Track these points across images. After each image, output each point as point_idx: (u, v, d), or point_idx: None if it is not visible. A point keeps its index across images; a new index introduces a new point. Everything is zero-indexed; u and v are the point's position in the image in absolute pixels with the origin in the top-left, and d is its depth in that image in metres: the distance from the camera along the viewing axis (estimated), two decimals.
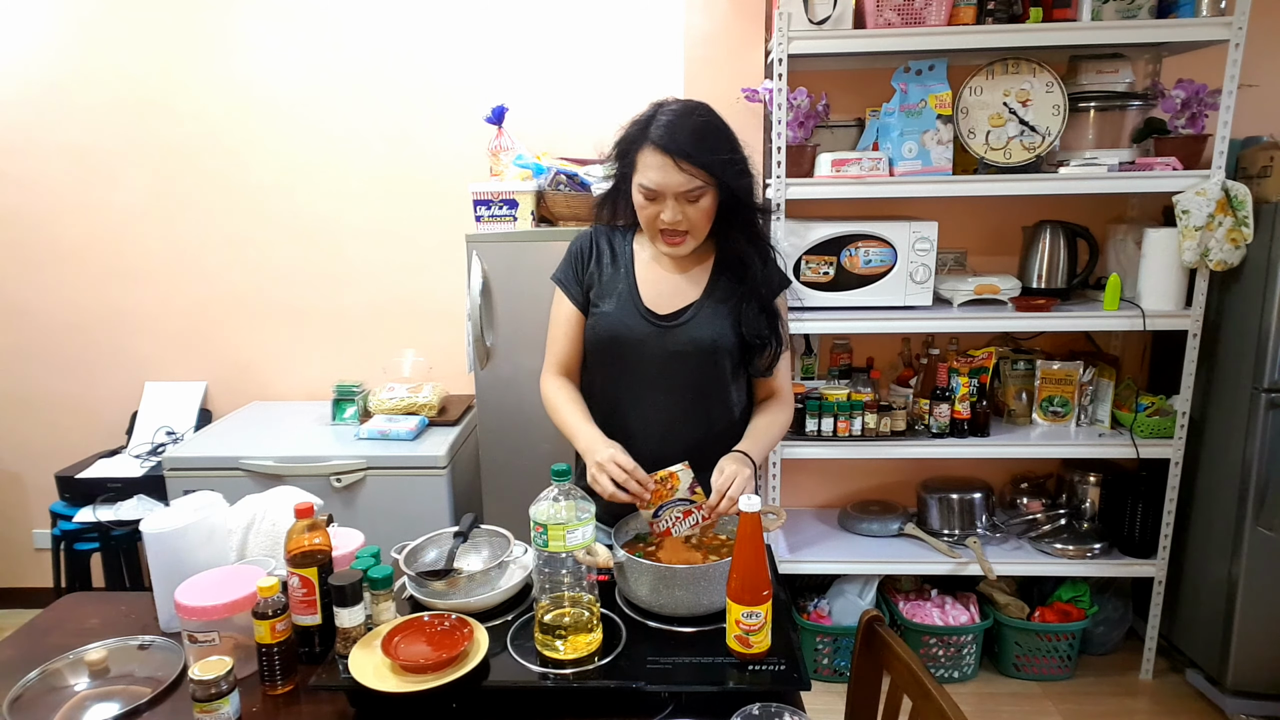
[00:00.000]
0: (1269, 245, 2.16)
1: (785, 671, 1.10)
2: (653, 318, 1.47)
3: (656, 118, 1.38)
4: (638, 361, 1.47)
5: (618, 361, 1.50)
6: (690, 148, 1.34)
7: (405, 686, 1.06)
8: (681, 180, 1.35)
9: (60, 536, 2.54)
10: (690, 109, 1.39)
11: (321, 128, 2.73)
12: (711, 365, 1.47)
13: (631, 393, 1.49)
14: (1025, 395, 2.61)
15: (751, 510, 1.11)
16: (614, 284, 1.51)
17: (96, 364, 2.92)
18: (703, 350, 1.46)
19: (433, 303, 2.82)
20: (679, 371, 1.47)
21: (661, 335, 1.46)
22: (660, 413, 1.48)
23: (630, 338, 1.47)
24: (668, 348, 1.46)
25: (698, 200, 1.38)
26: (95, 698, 1.20)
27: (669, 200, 1.37)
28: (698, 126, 1.36)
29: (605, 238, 1.56)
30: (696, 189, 1.36)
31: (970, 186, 2.27)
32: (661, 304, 1.48)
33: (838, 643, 2.56)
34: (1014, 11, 2.23)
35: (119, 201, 2.79)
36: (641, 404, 1.48)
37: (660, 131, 1.35)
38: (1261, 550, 2.25)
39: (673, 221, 1.38)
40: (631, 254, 1.53)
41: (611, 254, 1.54)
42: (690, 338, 1.46)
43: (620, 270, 1.52)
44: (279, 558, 1.32)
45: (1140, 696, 2.48)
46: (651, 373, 1.47)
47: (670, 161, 1.34)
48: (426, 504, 2.37)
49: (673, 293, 1.49)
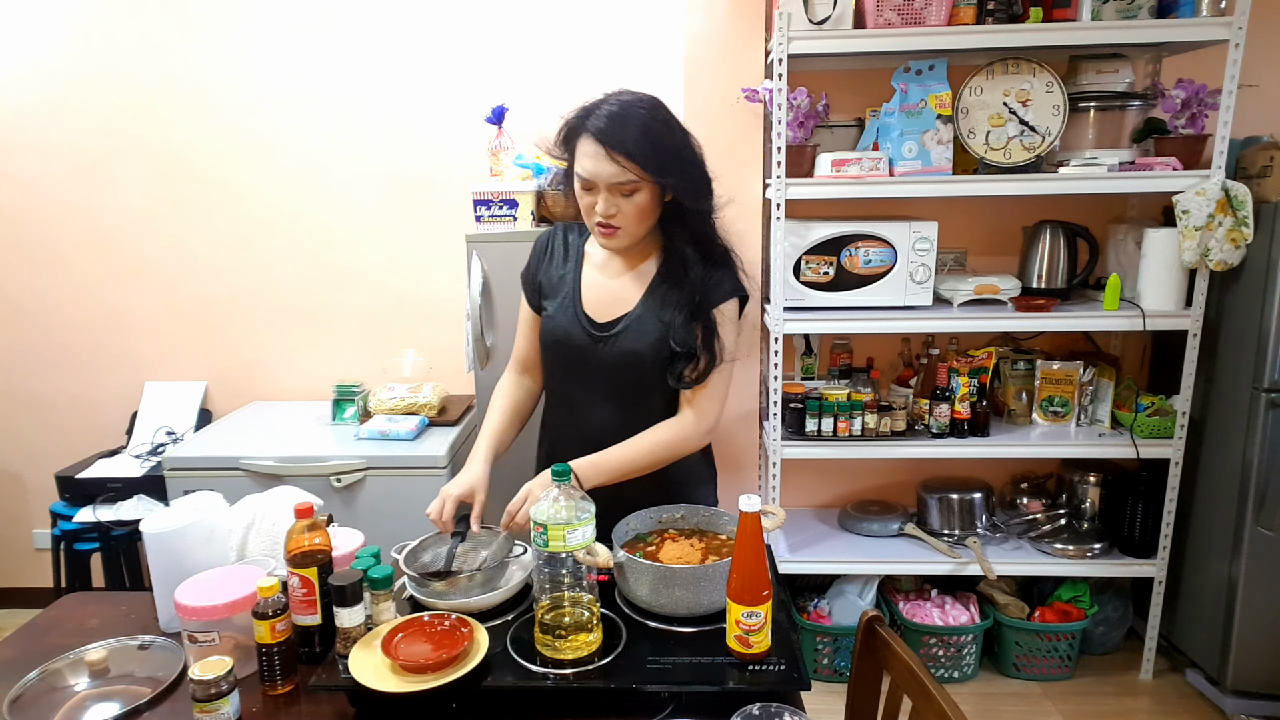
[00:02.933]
0: (1269, 245, 2.16)
1: (785, 671, 1.10)
2: (591, 326, 1.47)
3: (600, 108, 1.35)
4: (577, 367, 1.49)
5: (563, 365, 1.52)
6: (627, 141, 1.31)
7: (405, 686, 1.06)
8: (614, 171, 1.32)
9: (60, 536, 2.54)
10: (637, 102, 1.36)
11: (322, 128, 2.73)
12: (645, 378, 1.45)
13: (580, 394, 1.51)
14: (1025, 395, 2.61)
15: (751, 510, 1.11)
16: (561, 285, 1.51)
17: (96, 364, 2.92)
18: (635, 362, 1.44)
19: (433, 303, 2.82)
20: (615, 380, 1.47)
21: (596, 345, 1.46)
22: (603, 417, 1.48)
23: (569, 344, 1.48)
24: (603, 358, 1.45)
25: (631, 195, 1.36)
26: (95, 698, 1.20)
27: (603, 191, 1.35)
28: (640, 120, 1.33)
29: (563, 235, 1.56)
30: (630, 183, 1.34)
31: (970, 186, 2.27)
32: (600, 310, 1.47)
33: (838, 643, 2.56)
34: (1014, 11, 2.23)
35: (119, 201, 2.79)
36: (587, 407, 1.49)
37: (599, 122, 1.33)
38: (1261, 550, 2.25)
39: (605, 214, 1.37)
40: (582, 254, 1.53)
41: (565, 252, 1.54)
42: (622, 349, 1.44)
43: (569, 270, 1.52)
44: (279, 558, 1.32)
45: (1140, 696, 2.48)
46: (593, 379, 1.48)
47: (604, 152, 1.31)
48: (426, 504, 2.34)
49: (612, 299, 1.47)
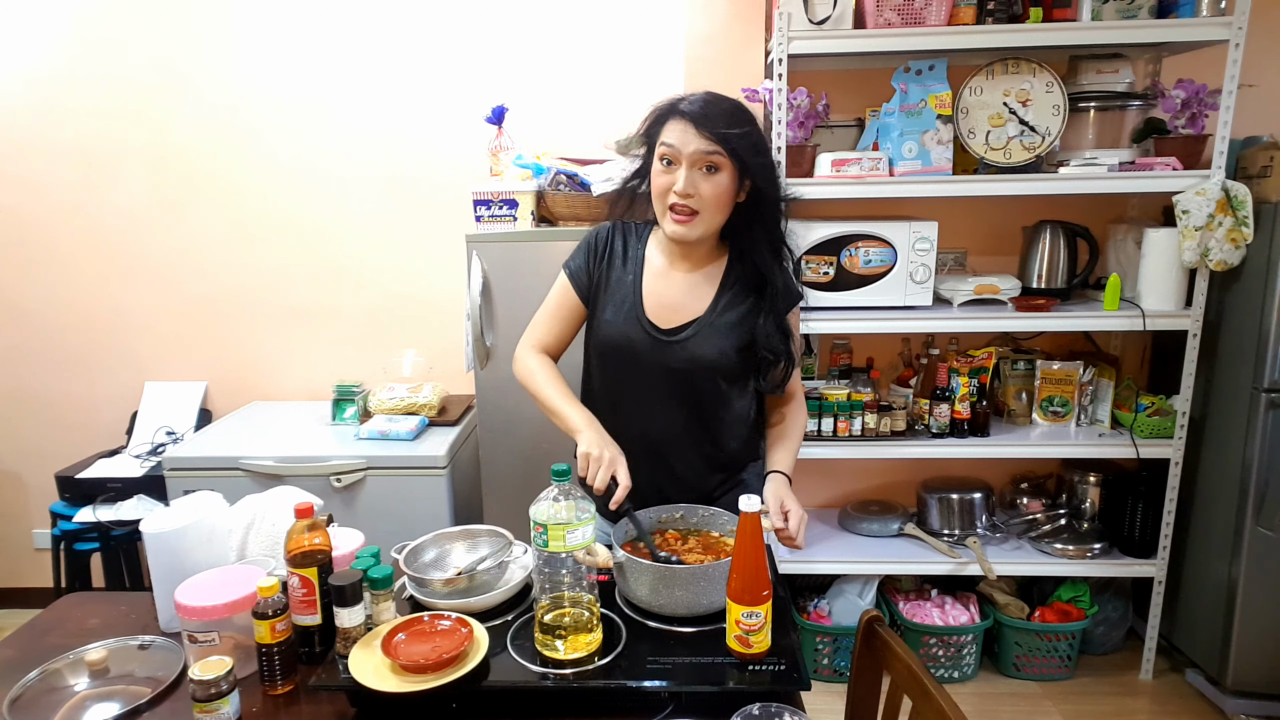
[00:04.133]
0: (1269, 245, 2.16)
1: (785, 671, 1.10)
2: (654, 331, 1.45)
3: (690, 95, 1.40)
4: (636, 371, 1.47)
5: (617, 368, 1.49)
6: (717, 119, 1.35)
7: (405, 686, 1.06)
8: (700, 144, 1.34)
9: (60, 536, 2.54)
10: (722, 96, 1.41)
11: (322, 128, 2.73)
12: (711, 383, 1.46)
13: (631, 398, 1.49)
14: (1025, 395, 2.61)
15: (751, 510, 1.11)
16: (620, 288, 1.49)
17: (96, 364, 2.92)
18: (702, 368, 1.44)
19: (433, 303, 2.82)
20: (677, 386, 1.46)
21: (661, 350, 1.45)
22: (657, 423, 1.47)
23: (630, 349, 1.46)
24: (667, 363, 1.45)
25: (712, 174, 1.36)
26: (95, 698, 1.20)
27: (684, 167, 1.36)
28: (731, 105, 1.38)
29: (621, 236, 1.54)
30: (714, 154, 1.35)
31: (970, 186, 2.27)
32: (664, 317, 1.46)
33: (838, 643, 2.56)
34: (1014, 11, 2.23)
35: (119, 201, 2.79)
36: (640, 411, 1.48)
37: (692, 105, 1.37)
38: (1261, 550, 2.25)
39: (684, 193, 1.36)
40: (643, 258, 1.51)
41: (624, 255, 1.52)
42: (690, 355, 1.44)
43: (629, 274, 1.50)
44: (279, 558, 1.32)
45: (1140, 696, 2.48)
46: (650, 383, 1.46)
47: (692, 127, 1.35)
48: (426, 504, 2.37)
49: (677, 305, 1.47)
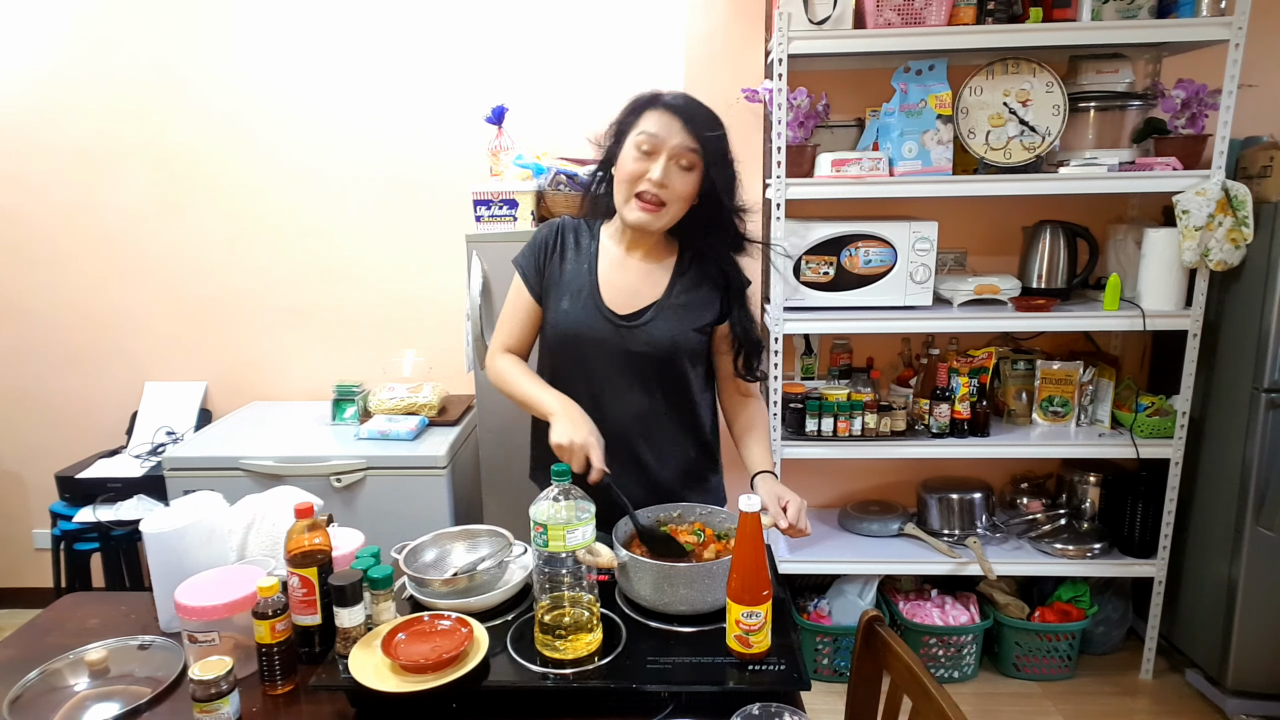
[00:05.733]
0: (1269, 245, 2.16)
1: (785, 671, 1.10)
2: (613, 317, 1.48)
3: (670, 91, 1.43)
4: (596, 360, 1.49)
5: (577, 359, 1.50)
6: (701, 120, 1.39)
7: (405, 686, 1.06)
8: (685, 140, 1.37)
9: (60, 536, 2.53)
10: (700, 100, 1.44)
11: (321, 128, 2.73)
12: (671, 366, 1.49)
13: (590, 390, 1.50)
14: (1025, 395, 2.61)
15: (751, 510, 1.11)
16: (575, 280, 1.51)
17: (96, 364, 2.91)
18: (661, 351, 1.47)
19: (433, 303, 2.82)
20: (638, 372, 1.48)
21: (621, 335, 1.47)
22: (618, 411, 1.49)
23: (590, 336, 1.48)
24: (627, 348, 1.47)
25: (687, 171, 1.40)
26: (95, 698, 1.20)
27: (662, 158, 1.38)
28: (708, 110, 1.42)
29: (572, 231, 1.57)
30: (691, 151, 1.38)
31: (970, 186, 2.27)
32: (622, 303, 1.49)
33: (838, 643, 2.56)
34: (1014, 11, 2.23)
35: (119, 201, 2.79)
36: (600, 402, 1.49)
37: (674, 99, 1.41)
38: (1261, 550, 2.25)
39: (658, 182, 1.38)
40: (597, 250, 1.53)
41: (576, 247, 1.54)
42: (650, 339, 1.47)
43: (583, 265, 1.52)
44: (279, 558, 1.32)
45: (1140, 696, 2.48)
46: (610, 372, 1.48)
47: (679, 121, 1.38)
48: (426, 504, 2.37)
49: (634, 291, 1.49)
